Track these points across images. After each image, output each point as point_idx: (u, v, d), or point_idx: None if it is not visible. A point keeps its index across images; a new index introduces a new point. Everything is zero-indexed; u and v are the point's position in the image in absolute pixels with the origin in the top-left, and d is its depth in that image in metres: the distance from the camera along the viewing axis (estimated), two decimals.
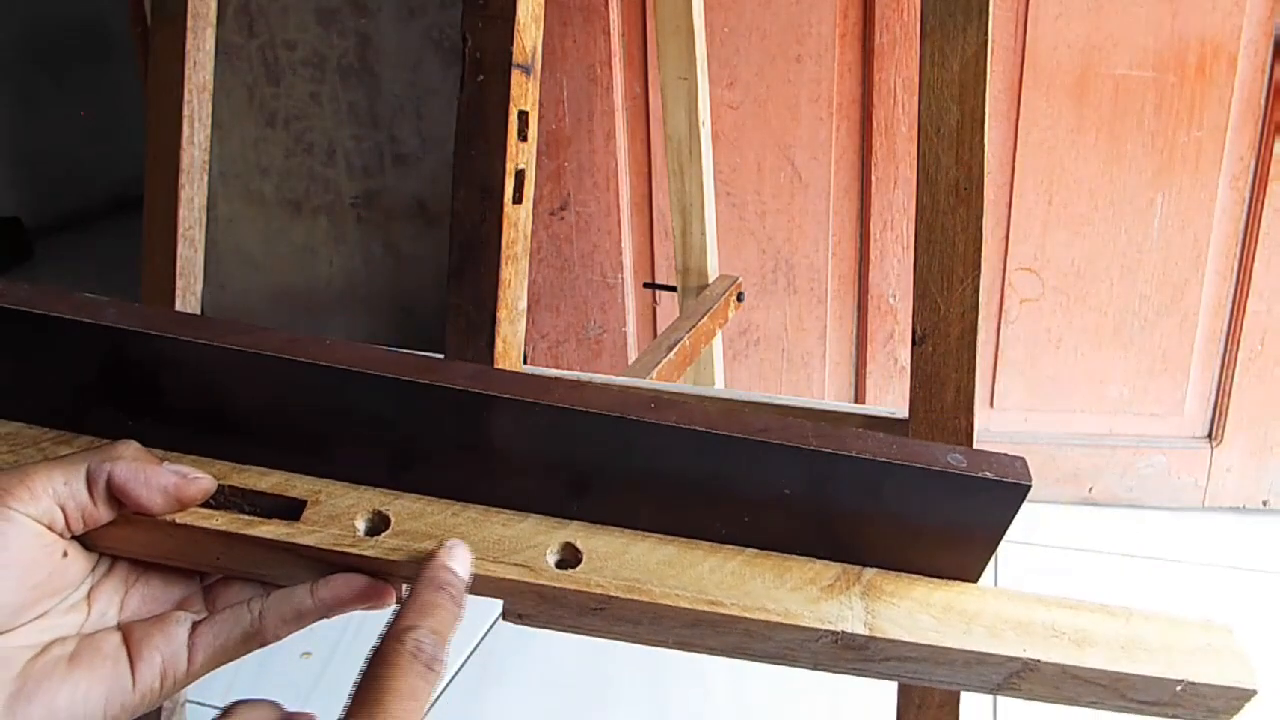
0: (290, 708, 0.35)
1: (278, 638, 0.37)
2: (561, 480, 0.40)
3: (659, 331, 1.29)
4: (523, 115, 0.61)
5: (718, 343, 1.12)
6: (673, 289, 1.15)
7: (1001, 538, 0.40)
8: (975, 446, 0.68)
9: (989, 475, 0.38)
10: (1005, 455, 0.39)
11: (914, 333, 0.65)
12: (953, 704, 0.72)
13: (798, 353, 1.26)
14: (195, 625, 0.37)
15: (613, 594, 0.38)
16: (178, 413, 0.39)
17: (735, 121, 1.16)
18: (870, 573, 0.41)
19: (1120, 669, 0.39)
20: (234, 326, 0.39)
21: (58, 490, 0.35)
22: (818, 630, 0.38)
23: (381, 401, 0.38)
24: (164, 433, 0.39)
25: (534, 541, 0.39)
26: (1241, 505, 1.26)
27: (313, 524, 0.38)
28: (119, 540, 0.38)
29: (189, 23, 0.75)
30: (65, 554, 0.36)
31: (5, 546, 0.34)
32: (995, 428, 1.27)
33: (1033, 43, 1.08)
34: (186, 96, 0.76)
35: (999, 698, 1.02)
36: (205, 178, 0.79)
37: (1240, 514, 1.26)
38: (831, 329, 1.25)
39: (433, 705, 1.00)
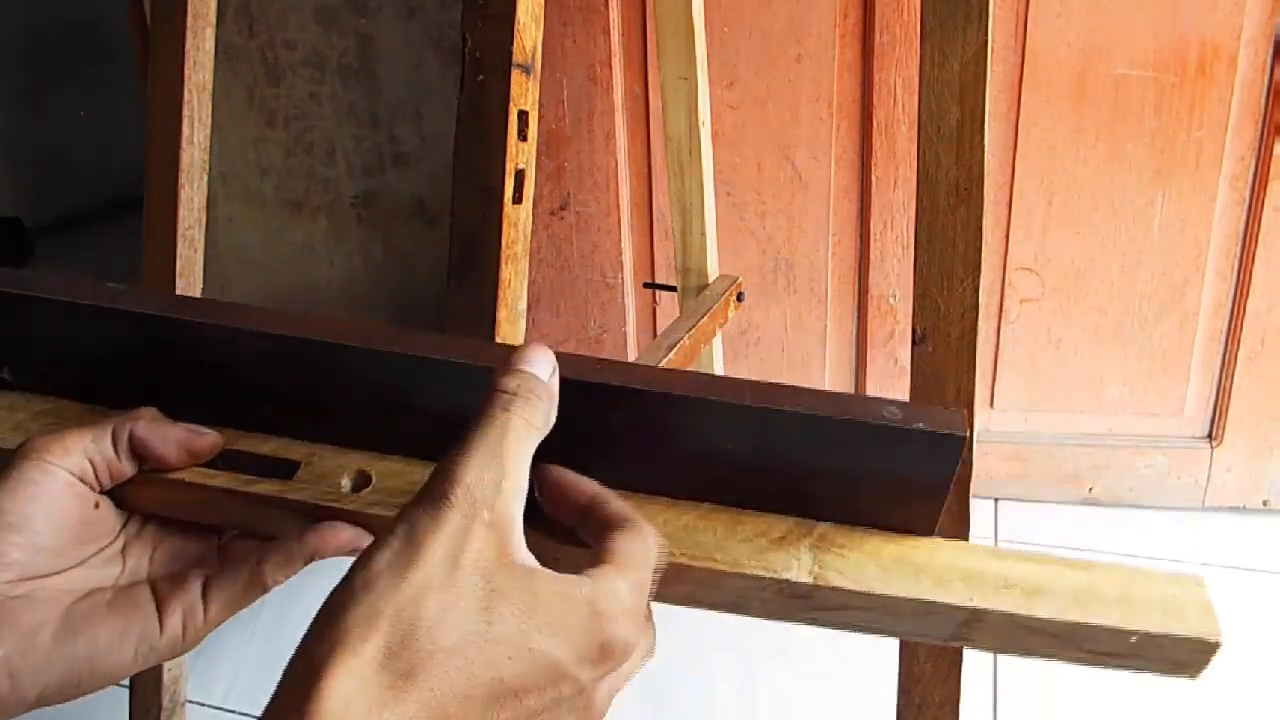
0: None
1: (276, 583, 0.42)
2: None
3: (659, 331, 1.29)
4: (523, 115, 0.61)
5: (718, 343, 1.12)
6: (673, 289, 1.15)
7: (947, 489, 0.40)
8: (975, 446, 0.68)
9: (923, 427, 0.38)
10: (943, 410, 0.39)
11: (914, 333, 0.65)
12: (952, 703, 0.72)
13: (798, 353, 1.26)
14: (208, 580, 0.42)
15: None
16: (192, 387, 0.44)
17: (735, 121, 1.16)
18: (824, 526, 0.42)
19: (1070, 619, 0.39)
20: (232, 308, 0.43)
21: (87, 448, 0.40)
22: (764, 579, 0.40)
23: (363, 371, 0.42)
24: (182, 407, 0.44)
25: None
26: (1241, 505, 1.26)
27: (304, 482, 0.43)
28: (142, 497, 0.43)
29: (189, 23, 0.75)
30: (97, 505, 0.41)
31: (43, 495, 0.39)
32: (995, 428, 1.27)
33: (1033, 43, 1.07)
34: (186, 96, 0.76)
35: (998, 699, 1.02)
36: (205, 178, 0.79)
37: (1240, 514, 1.26)
38: (831, 329, 1.25)
39: None
